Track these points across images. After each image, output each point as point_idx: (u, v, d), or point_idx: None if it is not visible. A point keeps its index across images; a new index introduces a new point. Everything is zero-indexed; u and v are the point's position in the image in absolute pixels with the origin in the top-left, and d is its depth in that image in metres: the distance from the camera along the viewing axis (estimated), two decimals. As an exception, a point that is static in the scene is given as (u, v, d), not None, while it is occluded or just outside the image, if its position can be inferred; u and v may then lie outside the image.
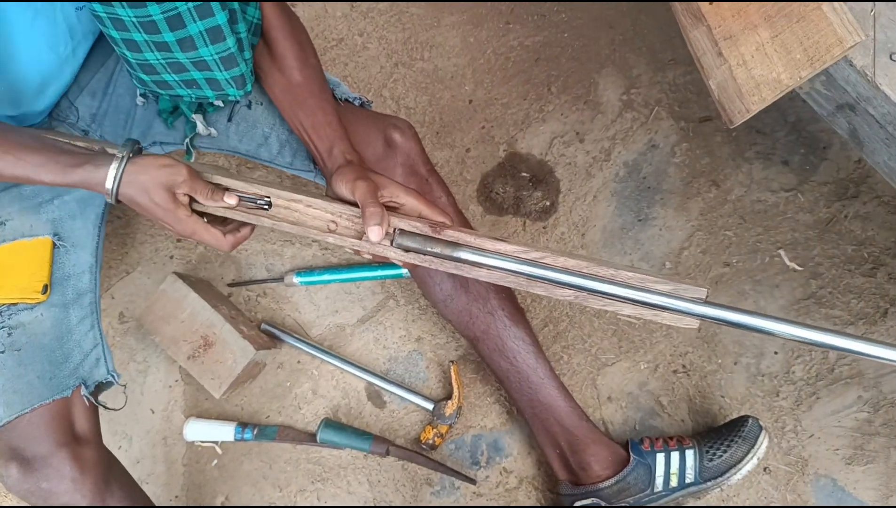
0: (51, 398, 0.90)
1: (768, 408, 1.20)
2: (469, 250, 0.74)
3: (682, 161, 1.29)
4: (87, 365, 0.96)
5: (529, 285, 0.74)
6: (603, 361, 1.25)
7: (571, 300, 0.74)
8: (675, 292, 0.71)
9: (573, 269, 0.73)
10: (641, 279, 0.71)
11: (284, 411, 1.30)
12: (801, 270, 1.23)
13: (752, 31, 0.63)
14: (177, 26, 0.79)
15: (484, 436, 1.25)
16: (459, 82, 1.39)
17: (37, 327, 0.93)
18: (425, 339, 1.30)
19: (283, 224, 0.79)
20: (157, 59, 0.85)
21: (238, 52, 0.86)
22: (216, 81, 0.90)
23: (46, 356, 0.92)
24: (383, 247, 0.76)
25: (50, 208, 0.99)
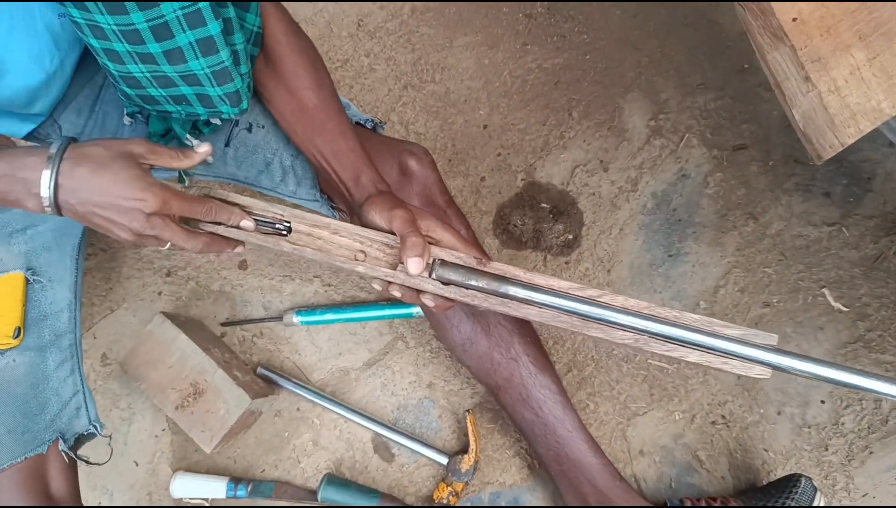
0: (23, 457, 0.80)
1: (816, 463, 1.09)
2: (518, 285, 0.66)
3: (716, 192, 1.20)
4: (65, 416, 0.86)
5: (585, 327, 0.66)
6: (633, 410, 1.14)
7: (631, 344, 0.66)
8: (745, 337, 0.64)
9: (634, 309, 0.65)
10: (709, 323, 0.65)
11: (282, 464, 1.18)
12: (847, 310, 1.14)
13: (844, 53, 0.53)
14: (163, 36, 0.69)
15: (503, 494, 1.13)
16: (473, 106, 1.30)
17: (8, 374, 0.83)
18: (438, 385, 1.18)
19: (304, 250, 0.70)
20: (141, 73, 0.75)
21: (233, 67, 0.76)
22: (208, 98, 0.80)
23: (19, 407, 0.82)
24: (420, 279, 0.68)
25: (21, 238, 0.88)
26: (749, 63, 1.26)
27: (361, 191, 0.81)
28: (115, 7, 0.65)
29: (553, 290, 0.67)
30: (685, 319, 0.65)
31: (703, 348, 0.65)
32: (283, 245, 0.71)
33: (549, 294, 0.67)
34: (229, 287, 1.26)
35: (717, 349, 0.65)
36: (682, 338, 0.65)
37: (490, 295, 0.68)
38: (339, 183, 0.84)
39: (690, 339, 0.65)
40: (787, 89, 0.56)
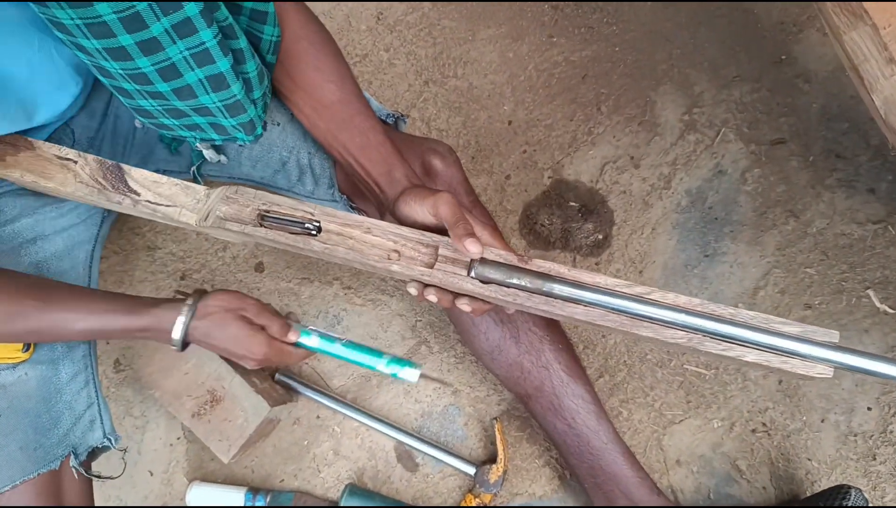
0: (35, 473, 0.78)
1: (864, 473, 1.04)
2: (563, 283, 0.62)
3: (754, 189, 1.15)
4: (79, 430, 0.83)
5: (634, 326, 0.62)
6: (669, 418, 1.09)
7: (684, 344, 0.61)
8: (805, 334, 0.60)
9: (686, 307, 0.61)
10: (766, 320, 0.61)
11: (301, 474, 1.14)
12: (894, 312, 1.08)
13: (933, 31, 0.48)
14: (171, 77, 0.67)
15: (533, 505, 1.08)
16: (497, 102, 1.25)
17: (19, 388, 0.80)
18: (463, 391, 1.14)
19: (336, 250, 0.66)
20: (152, 106, 0.74)
21: (245, 97, 0.74)
22: (222, 127, 0.78)
23: (31, 422, 0.79)
24: (459, 278, 0.64)
25: (32, 249, 0.85)
26: (786, 54, 1.21)
27: (395, 186, 0.76)
28: (119, 54, 0.63)
29: (599, 287, 0.63)
30: (741, 316, 0.61)
31: (761, 346, 0.61)
32: (314, 245, 0.67)
33: (595, 292, 0.63)
34: (246, 290, 1.22)
35: (776, 348, 0.60)
36: (739, 336, 0.61)
37: (533, 294, 0.63)
38: (368, 179, 0.79)
39: (747, 337, 0.61)
40: (865, 73, 0.51)
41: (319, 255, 0.68)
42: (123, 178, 0.74)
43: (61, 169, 0.76)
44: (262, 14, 0.72)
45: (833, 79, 1.18)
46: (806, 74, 1.19)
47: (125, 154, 0.92)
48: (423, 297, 0.68)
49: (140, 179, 0.73)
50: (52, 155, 0.76)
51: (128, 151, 0.93)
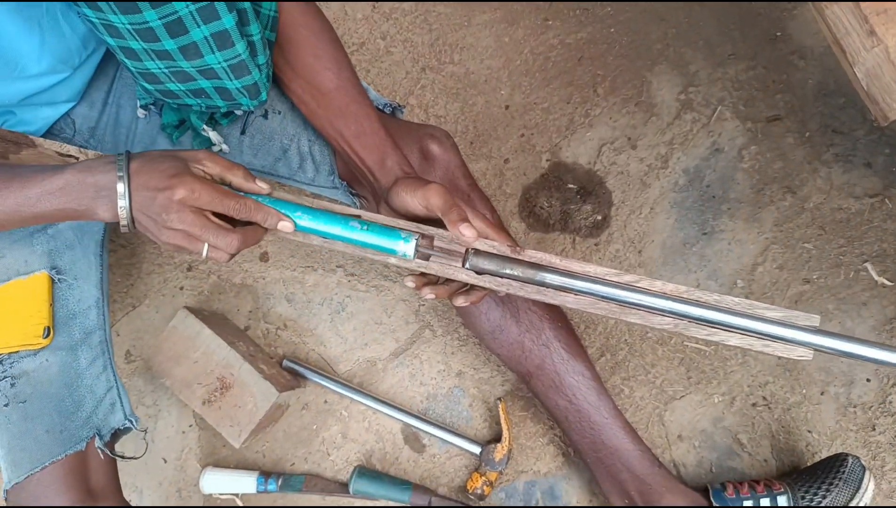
0: (63, 454, 0.80)
1: (863, 444, 1.05)
2: (555, 272, 0.65)
3: (751, 166, 1.16)
4: (101, 412, 0.86)
5: (623, 313, 0.65)
6: (670, 394, 1.10)
7: (670, 330, 0.65)
8: (787, 319, 0.63)
9: (672, 294, 0.64)
10: (749, 305, 0.64)
11: (311, 457, 1.16)
12: (892, 285, 1.09)
13: (913, 2, 0.49)
14: (178, 32, 0.67)
15: (538, 482, 1.10)
16: (494, 87, 1.26)
17: (42, 374, 0.82)
18: (467, 373, 1.16)
19: (335, 243, 0.68)
20: (159, 69, 0.74)
21: (249, 59, 0.74)
22: (226, 91, 0.78)
23: (55, 406, 0.82)
24: (454, 269, 0.66)
25: (43, 238, 0.87)
26: (781, 31, 1.21)
27: (387, 174, 0.78)
28: (128, 7, 0.63)
29: (589, 276, 0.66)
30: (725, 302, 0.64)
31: (744, 331, 0.64)
32: (313, 239, 0.68)
33: (585, 281, 0.65)
34: (251, 280, 1.24)
35: (759, 332, 0.64)
36: (723, 322, 0.64)
37: (526, 283, 0.66)
38: (362, 167, 0.81)
39: (731, 322, 0.64)
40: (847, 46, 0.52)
41: (320, 246, 0.70)
42: None
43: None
44: None
45: (828, 54, 1.18)
46: (801, 50, 1.19)
47: (127, 144, 0.94)
48: (420, 289, 0.70)
49: None
50: (54, 152, 0.77)
51: (130, 142, 0.93)
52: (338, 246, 0.69)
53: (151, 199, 0.61)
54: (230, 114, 0.89)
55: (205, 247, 0.64)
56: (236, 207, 0.64)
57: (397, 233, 0.67)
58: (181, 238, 0.63)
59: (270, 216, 0.66)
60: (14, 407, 0.81)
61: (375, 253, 0.68)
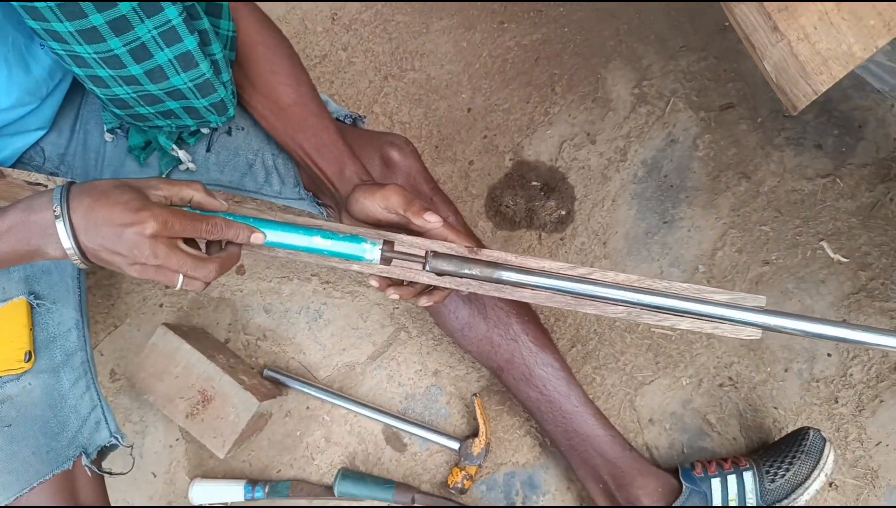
0: (50, 474, 0.82)
1: (827, 416, 1.09)
2: (511, 269, 0.68)
3: (706, 154, 1.19)
4: (86, 431, 0.88)
5: (578, 304, 0.68)
6: (640, 380, 1.14)
7: (624, 318, 0.68)
8: (734, 301, 0.67)
9: (624, 283, 0.68)
10: (697, 290, 0.67)
11: (296, 463, 1.19)
12: (848, 261, 1.13)
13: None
14: (143, 57, 0.70)
15: (517, 473, 1.14)
16: (455, 91, 1.29)
17: (26, 398, 0.84)
18: (443, 372, 1.19)
19: (299, 254, 0.71)
20: (127, 94, 0.76)
21: (214, 77, 0.76)
22: (195, 109, 0.81)
23: (40, 428, 0.84)
24: (415, 272, 0.69)
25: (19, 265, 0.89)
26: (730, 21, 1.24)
27: (346, 183, 0.81)
28: (92, 36, 0.65)
29: (544, 271, 0.69)
30: (674, 288, 0.67)
31: (693, 315, 0.67)
32: (279, 253, 0.71)
33: (540, 276, 0.68)
34: (229, 293, 1.27)
35: (707, 315, 0.67)
36: (673, 307, 0.67)
37: (484, 282, 0.69)
38: (323, 178, 0.84)
39: (681, 307, 0.67)
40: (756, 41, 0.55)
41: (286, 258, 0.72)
42: None
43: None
44: (217, 7, 0.75)
45: (776, 41, 1.22)
46: (750, 38, 1.23)
47: (97, 169, 0.95)
48: (384, 290, 0.73)
49: None
50: (23, 181, 0.79)
51: (99, 166, 0.95)
52: (302, 257, 0.71)
53: (118, 236, 0.58)
54: (197, 132, 0.91)
55: (179, 279, 0.62)
56: (208, 228, 0.63)
57: (361, 239, 0.69)
58: (153, 272, 0.61)
59: (242, 231, 0.66)
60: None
61: (340, 261, 0.70)
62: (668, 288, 0.68)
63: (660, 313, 0.68)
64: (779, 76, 0.55)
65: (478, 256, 0.70)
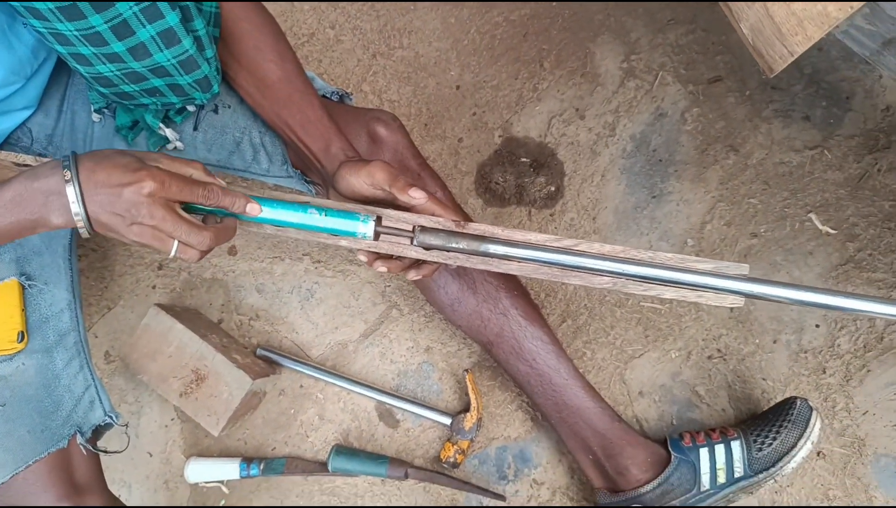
0: (45, 452, 0.83)
1: (815, 387, 1.10)
2: (497, 242, 0.69)
3: (695, 128, 1.19)
4: (80, 410, 0.89)
5: (565, 276, 0.69)
6: (630, 353, 1.15)
7: (610, 288, 0.69)
8: (718, 270, 0.68)
9: (610, 254, 0.69)
10: (682, 260, 0.68)
11: (291, 440, 1.20)
12: (836, 233, 1.13)
13: (786, -41, 0.52)
14: (125, 34, 0.69)
15: (509, 447, 1.15)
16: (444, 68, 1.28)
17: (19, 378, 0.85)
18: (435, 348, 1.19)
19: (287, 230, 0.71)
20: (111, 71, 0.76)
21: (197, 53, 0.76)
22: (179, 87, 0.81)
23: (35, 407, 0.85)
24: (403, 247, 0.70)
25: (10, 246, 0.90)
26: (718, -7, 1.24)
27: (332, 160, 0.81)
28: (73, 13, 0.65)
29: (530, 243, 0.70)
30: (659, 258, 0.68)
31: (677, 284, 0.68)
32: (267, 229, 0.71)
33: (527, 248, 0.69)
34: (221, 274, 1.27)
35: (691, 284, 0.68)
36: (658, 277, 0.68)
37: (471, 255, 0.70)
38: (309, 155, 0.84)
39: (665, 277, 0.68)
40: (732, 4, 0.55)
41: (273, 234, 0.73)
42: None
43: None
44: None
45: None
46: (738, 10, 1.22)
47: (85, 149, 0.96)
48: (372, 264, 0.74)
49: None
50: (10, 162, 0.79)
51: (87, 147, 0.95)
52: (290, 233, 0.71)
53: (116, 195, 0.60)
54: (184, 110, 0.91)
55: (174, 245, 0.63)
56: (204, 193, 0.64)
57: (355, 215, 0.69)
58: (150, 235, 0.62)
59: (238, 200, 0.67)
60: None
61: (329, 236, 0.70)
62: (653, 258, 0.69)
63: (645, 282, 0.69)
64: (755, 38, 0.55)
65: (465, 229, 0.71)
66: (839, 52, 1.15)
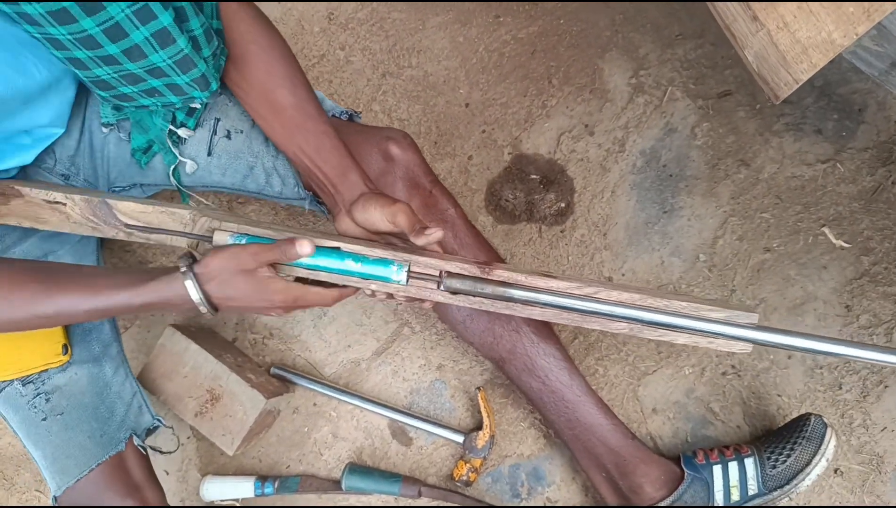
0: (106, 456, 0.90)
1: (831, 403, 1.08)
2: (520, 288, 0.72)
3: (705, 143, 1.19)
4: (132, 415, 0.96)
5: (584, 321, 0.73)
6: (643, 370, 1.14)
7: (626, 333, 0.73)
8: (729, 319, 0.71)
9: (627, 302, 0.72)
10: (695, 308, 0.71)
11: (305, 458, 1.21)
12: (850, 246, 1.12)
13: (790, -13, 0.52)
14: (118, 37, 0.70)
15: (522, 465, 1.15)
16: (453, 86, 1.29)
17: (74, 387, 0.92)
18: (447, 366, 1.20)
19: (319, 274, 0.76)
20: (108, 74, 0.76)
21: (193, 53, 0.76)
22: (177, 86, 0.80)
23: (91, 414, 0.92)
24: (430, 291, 0.74)
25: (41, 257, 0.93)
26: (727, 7, 1.24)
27: (351, 188, 0.83)
28: (64, 17, 0.65)
29: (552, 290, 0.72)
30: (674, 306, 0.71)
31: (690, 331, 0.71)
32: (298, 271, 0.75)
33: (549, 294, 0.72)
34: (235, 293, 1.29)
35: (703, 331, 0.71)
36: (672, 324, 0.71)
37: (497, 300, 0.74)
38: (324, 180, 0.84)
39: (679, 324, 0.72)
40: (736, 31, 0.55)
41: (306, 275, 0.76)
42: (112, 212, 0.78)
43: (53, 212, 0.79)
44: None
45: (774, 26, 1.21)
46: (747, 24, 1.22)
47: (104, 171, 0.97)
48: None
49: (128, 212, 0.78)
50: (42, 200, 0.80)
51: (106, 168, 0.96)
52: (321, 275, 0.75)
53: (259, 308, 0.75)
54: (193, 111, 0.91)
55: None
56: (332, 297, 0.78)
57: (389, 263, 0.74)
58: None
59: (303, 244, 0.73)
60: (52, 420, 0.89)
61: (360, 280, 0.74)
62: (668, 306, 0.71)
63: (659, 329, 0.72)
64: (760, 66, 0.55)
65: (489, 275, 0.73)
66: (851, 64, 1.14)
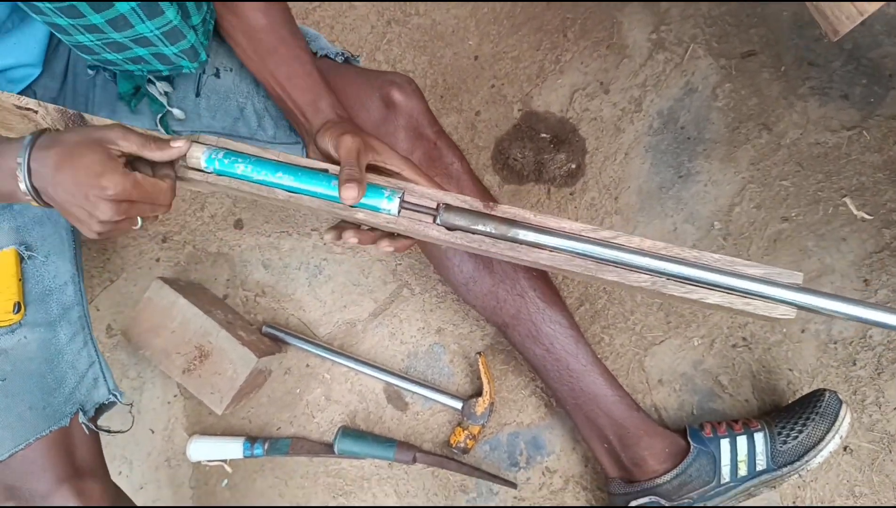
0: (47, 430, 0.79)
1: (844, 379, 1.05)
2: (528, 228, 0.62)
3: (726, 104, 1.13)
4: (83, 388, 0.85)
5: (599, 271, 0.62)
6: (650, 340, 1.10)
7: (648, 287, 0.61)
8: (769, 276, 0.60)
9: (650, 250, 0.61)
10: (730, 262, 0.61)
11: (296, 420, 1.17)
12: (871, 218, 1.07)
13: None
14: (102, 7, 0.65)
15: (521, 433, 1.11)
16: (462, 37, 1.22)
17: (21, 351, 0.81)
18: (447, 329, 1.15)
19: (302, 199, 0.66)
20: (91, 41, 0.72)
21: (182, 23, 0.72)
22: (164, 56, 0.77)
23: (36, 382, 0.81)
24: (425, 225, 0.64)
25: (8, 214, 0.86)
26: (755, -38, 1.17)
27: (319, 116, 0.77)
28: None
29: (564, 232, 0.63)
30: (705, 258, 0.61)
31: (723, 288, 0.61)
32: (279, 194, 0.66)
33: (560, 237, 0.63)
34: (227, 248, 1.23)
35: (739, 290, 0.61)
36: (702, 279, 0.61)
37: (498, 240, 0.64)
38: (294, 109, 0.79)
39: (710, 280, 0.61)
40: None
41: (285, 204, 0.68)
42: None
43: (22, 119, 0.74)
44: None
45: (804, -16, 1.14)
46: (776, -19, 1.16)
47: (91, 111, 0.92)
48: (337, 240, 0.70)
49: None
50: (11, 105, 0.75)
51: (91, 110, 0.92)
52: (304, 201, 0.66)
53: (81, 195, 0.61)
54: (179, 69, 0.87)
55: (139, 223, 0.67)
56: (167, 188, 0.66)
57: (381, 190, 0.64)
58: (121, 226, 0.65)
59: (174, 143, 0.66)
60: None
61: (346, 208, 0.65)
62: (699, 258, 0.61)
63: (687, 284, 0.61)
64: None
65: (493, 211, 0.64)
66: (884, 26, 1.08)
